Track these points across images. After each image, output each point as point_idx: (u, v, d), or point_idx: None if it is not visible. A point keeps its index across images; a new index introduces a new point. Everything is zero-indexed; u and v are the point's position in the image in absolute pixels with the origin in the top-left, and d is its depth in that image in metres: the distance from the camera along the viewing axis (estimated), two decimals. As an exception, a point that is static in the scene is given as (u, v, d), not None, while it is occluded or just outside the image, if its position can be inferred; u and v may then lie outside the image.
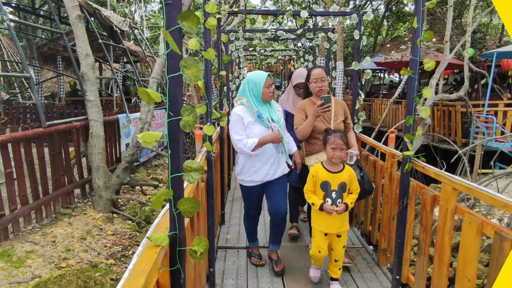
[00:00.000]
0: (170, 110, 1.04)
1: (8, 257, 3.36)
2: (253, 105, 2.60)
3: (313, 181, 2.51)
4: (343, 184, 2.46)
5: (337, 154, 2.40)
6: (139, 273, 0.96)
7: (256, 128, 2.59)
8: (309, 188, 2.54)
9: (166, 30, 1.00)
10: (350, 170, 2.51)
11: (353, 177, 2.49)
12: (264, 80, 2.58)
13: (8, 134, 3.73)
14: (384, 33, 22.72)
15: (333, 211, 2.38)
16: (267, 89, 2.60)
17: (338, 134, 2.44)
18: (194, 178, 1.11)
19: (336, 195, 2.45)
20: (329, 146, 2.44)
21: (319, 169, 2.51)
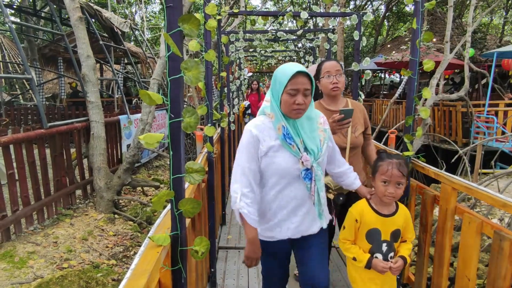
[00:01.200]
0: (171, 112, 1.05)
1: (10, 258, 3.38)
2: (278, 116, 1.56)
3: (355, 227, 1.80)
4: (397, 231, 1.79)
5: (390, 190, 1.68)
6: (141, 273, 0.97)
7: (280, 158, 1.55)
8: (349, 236, 1.81)
9: (167, 32, 1.01)
10: (405, 210, 1.83)
11: (408, 220, 1.83)
12: (288, 79, 1.48)
13: (10, 135, 3.74)
14: (385, 33, 22.73)
15: (387, 269, 1.72)
16: (290, 97, 1.50)
17: (396, 162, 1.70)
18: (195, 179, 1.12)
19: (387, 247, 1.78)
20: (379, 178, 1.73)
21: (366, 210, 1.80)
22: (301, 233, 1.67)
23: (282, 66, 1.58)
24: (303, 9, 18.59)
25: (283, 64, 1.60)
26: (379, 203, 1.78)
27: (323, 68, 2.16)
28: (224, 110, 5.78)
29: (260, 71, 21.72)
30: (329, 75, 2.12)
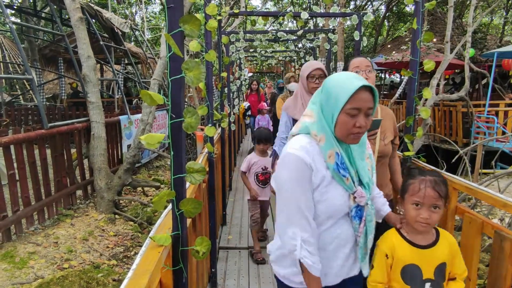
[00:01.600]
0: (172, 112, 1.05)
1: (11, 258, 3.38)
2: (330, 140, 1.25)
3: (387, 265, 1.41)
4: (442, 266, 1.38)
5: (423, 215, 1.34)
6: (143, 273, 0.97)
7: (331, 194, 1.26)
8: (380, 278, 1.41)
9: (168, 33, 1.01)
10: (449, 238, 1.43)
11: (456, 251, 1.42)
12: (349, 96, 1.18)
13: (10, 136, 3.75)
14: (385, 34, 22.72)
15: None
16: (350, 118, 1.20)
17: (431, 179, 1.36)
18: (196, 179, 1.12)
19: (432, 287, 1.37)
20: (410, 199, 1.38)
21: (397, 241, 1.42)
22: (340, 278, 1.36)
23: (338, 76, 1.24)
24: (303, 10, 18.61)
25: (336, 73, 1.27)
26: (412, 232, 1.41)
27: (351, 64, 1.95)
28: (225, 111, 5.79)
29: (261, 71, 21.72)
30: (357, 70, 1.85)
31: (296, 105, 2.59)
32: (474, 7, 5.70)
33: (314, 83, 2.37)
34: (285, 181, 1.24)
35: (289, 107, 2.68)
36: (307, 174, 1.21)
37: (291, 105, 2.66)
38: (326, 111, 1.24)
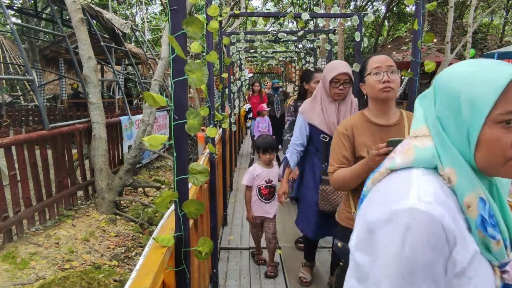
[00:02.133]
0: (175, 114, 1.06)
1: (12, 259, 3.38)
2: (469, 177, 0.68)
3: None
4: None
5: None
6: (146, 273, 0.98)
7: (481, 276, 0.66)
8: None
9: (171, 35, 1.02)
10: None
11: None
12: (498, 94, 0.63)
13: (11, 136, 3.75)
14: (385, 34, 22.73)
15: None
16: (506, 131, 0.64)
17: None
18: (199, 181, 1.13)
19: None
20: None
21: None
22: None
23: (464, 67, 0.72)
24: (303, 10, 18.62)
25: (457, 64, 0.75)
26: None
27: (369, 63, 1.62)
28: (225, 111, 5.80)
29: (261, 72, 21.73)
30: (378, 71, 1.55)
31: (314, 109, 2.35)
32: (474, 7, 5.71)
33: (337, 89, 2.19)
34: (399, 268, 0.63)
35: (306, 111, 2.41)
36: (439, 249, 0.63)
37: (309, 109, 2.40)
38: (454, 128, 0.70)
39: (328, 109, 2.30)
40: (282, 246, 3.45)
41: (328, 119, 2.31)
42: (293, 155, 2.46)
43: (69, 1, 5.03)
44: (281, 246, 3.46)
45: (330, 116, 2.30)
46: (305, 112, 2.41)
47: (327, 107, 2.31)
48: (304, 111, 2.42)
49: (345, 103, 2.34)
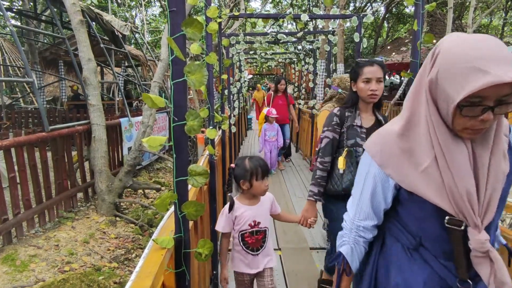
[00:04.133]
0: (175, 115, 1.06)
1: (12, 261, 3.38)
2: None
3: None
4: None
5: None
6: (146, 275, 0.97)
7: None
8: None
9: (170, 36, 1.02)
10: None
11: None
12: None
13: (11, 138, 3.75)
14: (385, 35, 22.77)
15: None
16: None
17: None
18: (198, 182, 1.12)
19: None
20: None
21: None
22: None
23: None
24: (303, 11, 18.64)
25: None
26: None
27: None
28: (225, 113, 5.80)
29: (260, 73, 21.74)
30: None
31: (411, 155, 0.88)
32: (473, 8, 5.72)
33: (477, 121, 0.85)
34: None
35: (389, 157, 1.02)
36: None
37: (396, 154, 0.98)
38: None
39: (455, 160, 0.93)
40: (282, 248, 3.44)
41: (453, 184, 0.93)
42: (355, 247, 1.15)
43: (68, 3, 5.03)
44: (281, 247, 3.45)
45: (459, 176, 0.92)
46: (388, 161, 1.04)
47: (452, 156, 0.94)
48: (385, 159, 1.04)
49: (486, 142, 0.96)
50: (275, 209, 2.11)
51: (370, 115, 2.10)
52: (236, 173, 1.92)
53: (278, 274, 2.97)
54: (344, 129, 2.07)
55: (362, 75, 1.97)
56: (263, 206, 2.01)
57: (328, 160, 2.06)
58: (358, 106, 2.08)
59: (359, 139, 2.02)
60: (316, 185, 2.09)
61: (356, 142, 2.01)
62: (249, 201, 1.96)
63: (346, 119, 2.07)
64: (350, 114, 2.07)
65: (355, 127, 2.04)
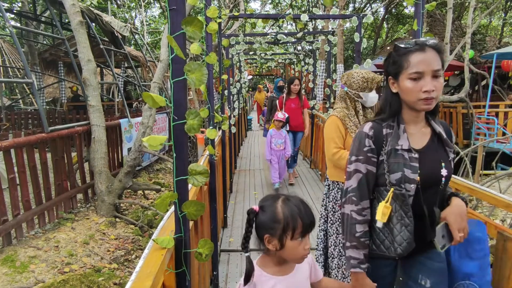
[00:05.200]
0: (175, 114, 1.05)
1: (12, 263, 3.37)
2: None
3: None
4: None
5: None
6: (146, 275, 0.97)
7: None
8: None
9: (170, 35, 1.01)
10: None
11: None
12: None
13: (11, 139, 3.74)
14: (384, 36, 22.78)
15: None
16: None
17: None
18: (199, 181, 1.12)
19: None
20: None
21: None
22: None
23: None
24: (302, 12, 18.66)
25: None
26: None
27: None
28: (225, 113, 5.79)
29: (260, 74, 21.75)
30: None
31: None
32: (473, 8, 5.72)
33: None
34: None
35: None
36: None
37: None
38: None
39: None
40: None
41: None
42: None
43: (68, 4, 5.03)
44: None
45: None
46: None
47: None
48: None
49: None
50: (315, 276, 1.34)
51: (422, 128, 1.36)
52: (260, 222, 1.15)
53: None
54: (383, 156, 1.33)
55: (409, 68, 1.24)
56: (300, 275, 1.25)
57: (367, 205, 1.36)
58: (402, 117, 1.34)
59: (409, 171, 1.27)
60: (360, 246, 1.34)
61: (405, 176, 1.27)
62: (278, 268, 1.22)
63: (385, 140, 1.33)
64: (389, 131, 1.34)
65: (401, 152, 1.30)
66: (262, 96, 11.38)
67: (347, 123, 2.32)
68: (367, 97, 2.32)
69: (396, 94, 1.32)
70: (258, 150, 8.82)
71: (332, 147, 2.32)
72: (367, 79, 2.28)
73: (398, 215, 1.29)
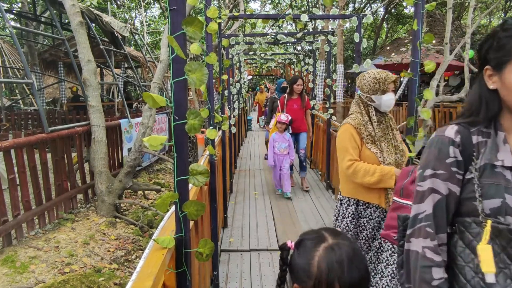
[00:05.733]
0: (175, 114, 1.06)
1: (12, 263, 3.37)
2: None
3: None
4: None
5: None
6: (147, 275, 0.97)
7: None
8: None
9: (171, 35, 1.01)
10: None
11: None
12: None
13: (11, 140, 3.75)
14: (384, 36, 22.79)
15: None
16: None
17: None
18: (199, 181, 1.12)
19: None
20: None
21: None
22: None
23: None
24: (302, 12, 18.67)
25: None
26: None
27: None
28: (225, 113, 5.79)
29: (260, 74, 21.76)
30: None
31: None
32: (472, 8, 5.72)
33: None
34: None
35: None
36: None
37: None
38: None
39: None
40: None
41: None
42: None
43: (68, 5, 5.04)
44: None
45: None
46: None
47: None
48: None
49: None
50: None
51: None
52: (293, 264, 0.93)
53: (278, 275, 2.96)
54: (472, 173, 0.96)
55: None
56: None
57: (444, 240, 0.99)
58: (500, 122, 0.98)
59: None
60: None
61: (507, 205, 0.91)
62: None
63: (476, 151, 0.97)
64: (482, 140, 0.98)
65: (501, 170, 0.93)
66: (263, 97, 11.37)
67: (362, 132, 2.08)
68: (380, 100, 2.08)
69: (494, 92, 0.95)
70: (258, 150, 8.82)
71: (346, 159, 2.07)
72: (378, 80, 2.06)
73: (499, 261, 0.89)
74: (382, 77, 2.07)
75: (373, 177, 1.99)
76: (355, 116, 2.14)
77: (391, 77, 2.07)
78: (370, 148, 2.07)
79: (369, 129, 2.08)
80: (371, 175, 1.99)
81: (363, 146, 2.08)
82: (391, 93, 2.08)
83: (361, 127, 2.08)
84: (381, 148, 2.08)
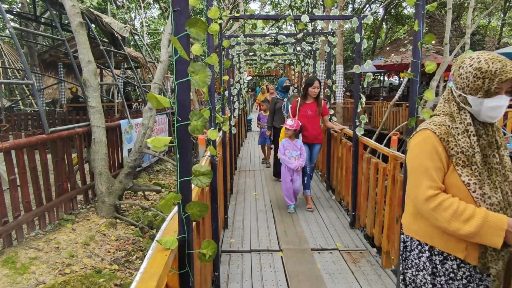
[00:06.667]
0: (178, 115, 1.06)
1: (12, 264, 3.36)
2: None
3: None
4: None
5: None
6: (151, 276, 0.97)
7: None
8: None
9: (174, 36, 1.02)
10: None
11: None
12: None
13: (11, 141, 3.74)
14: (383, 36, 22.82)
15: None
16: None
17: None
18: (202, 182, 1.12)
19: None
20: None
21: None
22: None
23: None
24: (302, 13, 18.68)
25: None
26: None
27: None
28: (226, 114, 5.79)
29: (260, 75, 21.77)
30: None
31: None
32: (472, 9, 5.73)
33: None
34: None
35: None
36: None
37: None
38: None
39: None
40: (283, 249, 3.44)
41: None
42: None
43: (68, 5, 5.04)
44: (283, 248, 3.45)
45: None
46: None
47: None
48: None
49: None
50: None
51: None
52: None
53: (279, 275, 2.97)
54: None
55: None
56: None
57: None
58: None
59: None
60: None
61: None
62: None
63: None
64: None
65: None
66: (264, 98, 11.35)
67: (451, 147, 1.32)
68: (480, 106, 1.30)
69: None
70: (258, 151, 8.82)
71: (425, 185, 1.31)
72: (484, 74, 1.26)
73: None
74: (492, 70, 1.24)
75: (467, 225, 1.22)
76: (441, 121, 1.37)
77: (508, 72, 1.23)
78: (461, 174, 1.30)
79: (461, 144, 1.32)
80: (464, 221, 1.23)
81: (450, 168, 1.33)
82: (502, 97, 1.28)
83: (450, 139, 1.33)
84: (479, 177, 1.29)
